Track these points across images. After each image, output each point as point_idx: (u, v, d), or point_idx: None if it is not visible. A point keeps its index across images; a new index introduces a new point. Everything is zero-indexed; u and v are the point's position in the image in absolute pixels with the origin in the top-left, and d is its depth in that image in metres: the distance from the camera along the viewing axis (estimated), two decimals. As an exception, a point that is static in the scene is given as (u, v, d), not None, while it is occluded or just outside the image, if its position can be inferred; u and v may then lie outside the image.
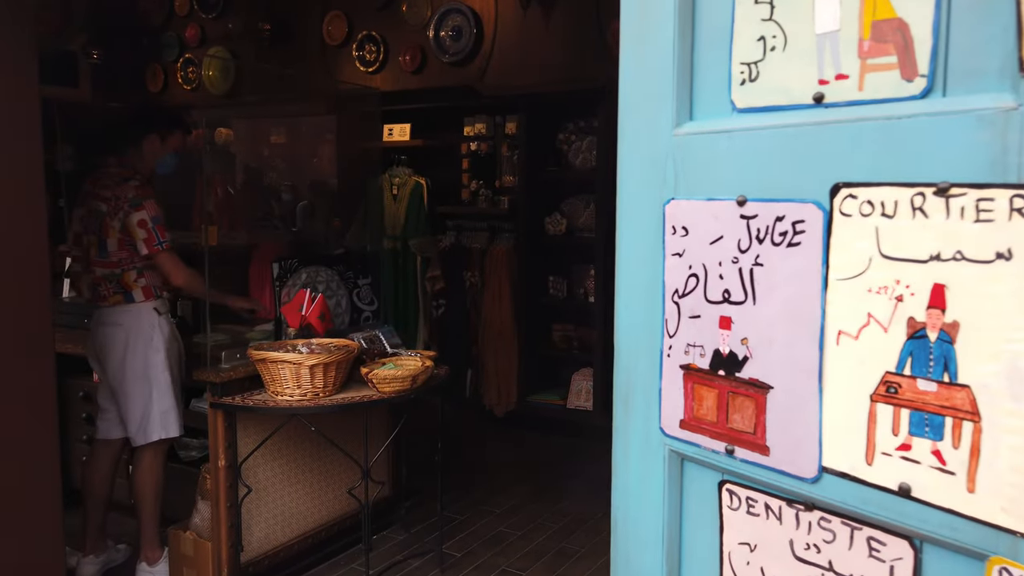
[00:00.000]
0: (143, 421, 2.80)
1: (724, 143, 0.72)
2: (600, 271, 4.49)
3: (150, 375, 2.79)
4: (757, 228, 0.70)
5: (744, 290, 0.71)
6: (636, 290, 0.82)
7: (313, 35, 5.15)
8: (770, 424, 0.69)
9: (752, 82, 0.71)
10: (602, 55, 4.14)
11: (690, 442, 0.77)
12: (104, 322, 2.79)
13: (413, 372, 2.66)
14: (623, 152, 0.84)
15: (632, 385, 0.82)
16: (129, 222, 2.73)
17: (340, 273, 3.17)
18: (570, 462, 4.23)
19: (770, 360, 0.69)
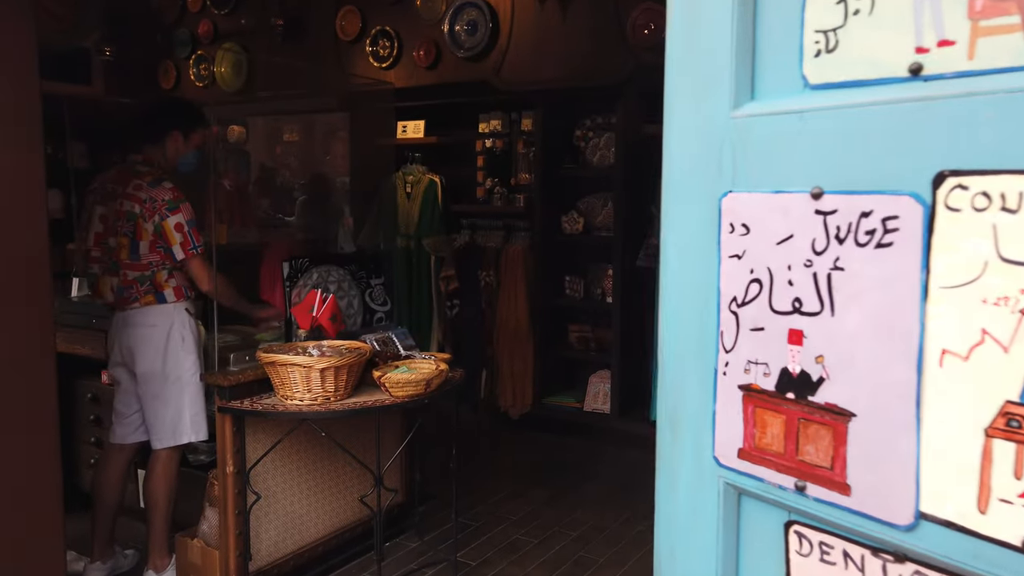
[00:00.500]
0: (174, 424, 2.75)
1: (794, 126, 0.61)
2: (618, 271, 4.37)
3: (184, 377, 2.74)
4: (837, 226, 0.59)
5: (819, 299, 0.60)
6: (685, 297, 0.71)
7: (326, 30, 5.06)
8: (852, 458, 0.58)
9: (830, 53, 0.60)
10: (621, 49, 4.02)
11: (750, 475, 0.66)
12: (135, 323, 2.73)
13: (427, 376, 2.57)
14: (669, 139, 0.73)
15: (680, 407, 0.72)
16: (166, 226, 2.67)
17: (352, 273, 3.07)
18: (587, 466, 4.12)
19: (853, 382, 0.58)
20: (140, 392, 2.78)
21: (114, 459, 2.88)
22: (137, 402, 2.82)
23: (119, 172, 2.77)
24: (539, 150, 4.60)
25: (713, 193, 0.67)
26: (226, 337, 3.04)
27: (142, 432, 2.87)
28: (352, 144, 5.23)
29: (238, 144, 5.84)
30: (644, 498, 3.25)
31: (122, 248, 2.71)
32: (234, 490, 2.54)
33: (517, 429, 4.76)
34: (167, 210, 2.67)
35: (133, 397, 2.82)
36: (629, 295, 4.44)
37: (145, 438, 2.86)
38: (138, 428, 2.86)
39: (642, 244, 4.39)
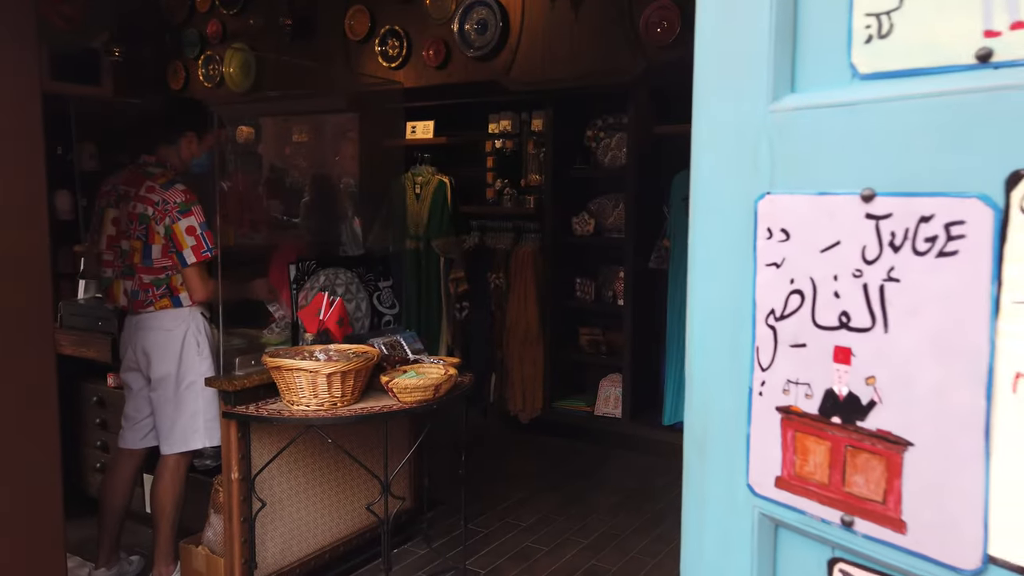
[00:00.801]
0: (186, 430, 2.72)
1: (842, 120, 0.55)
2: (630, 273, 4.31)
3: (199, 382, 2.72)
4: (891, 232, 0.52)
5: (871, 313, 0.54)
6: (716, 309, 0.65)
7: (335, 30, 5.02)
8: (908, 492, 0.52)
9: (883, 38, 0.53)
10: (633, 48, 3.96)
11: (789, 506, 0.60)
12: (150, 327, 2.69)
13: (436, 381, 2.51)
14: (699, 137, 0.67)
15: (710, 428, 0.66)
16: (176, 229, 2.63)
17: (360, 275, 3.02)
18: (598, 472, 4.05)
19: (909, 408, 0.52)
20: (153, 396, 2.75)
21: (123, 464, 2.85)
22: (149, 407, 2.78)
23: (131, 174, 2.73)
24: (550, 150, 4.54)
25: (748, 195, 0.61)
26: (232, 340, 3.00)
27: (153, 437, 2.83)
28: (361, 145, 5.18)
29: (247, 145, 5.81)
30: (657, 505, 3.17)
31: (135, 252, 2.67)
32: (239, 497, 2.49)
33: (527, 433, 4.70)
34: (178, 213, 2.63)
35: (145, 402, 2.78)
36: (641, 297, 4.37)
37: (156, 443, 2.83)
38: (149, 433, 2.83)
39: (654, 246, 4.32)
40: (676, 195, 4.17)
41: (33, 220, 1.84)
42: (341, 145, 5.58)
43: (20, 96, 1.84)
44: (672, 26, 3.79)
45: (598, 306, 4.60)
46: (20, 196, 1.84)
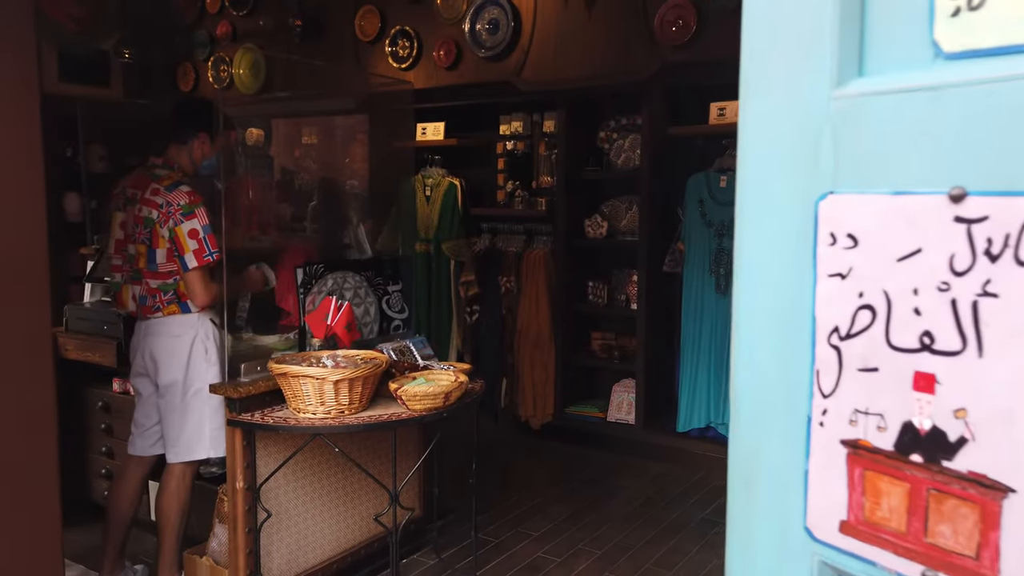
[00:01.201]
0: (192, 438, 2.66)
1: (923, 107, 0.47)
2: (643, 276, 4.22)
3: (206, 389, 2.66)
4: (987, 238, 0.44)
5: (961, 334, 0.46)
6: (767, 325, 0.57)
7: (345, 31, 4.97)
8: (1008, 547, 0.44)
9: (973, 10, 0.45)
10: (647, 47, 3.87)
11: (857, 555, 0.52)
12: (158, 333, 2.64)
13: (446, 388, 2.43)
14: (746, 129, 0.59)
15: (760, 460, 0.57)
16: (178, 232, 2.57)
17: (369, 279, 2.95)
18: (611, 479, 3.96)
19: (1010, 448, 0.44)
20: (160, 403, 2.70)
21: (132, 472, 2.79)
22: (158, 413, 2.73)
23: (138, 176, 2.68)
24: (562, 152, 4.46)
25: (807, 195, 0.53)
26: (237, 346, 2.93)
27: (162, 444, 2.77)
28: (371, 146, 5.12)
29: (257, 147, 5.76)
30: (671, 514, 3.07)
31: (140, 256, 2.62)
32: (244, 507, 2.42)
33: (538, 439, 4.62)
34: (181, 215, 2.57)
35: (154, 408, 2.73)
36: (654, 301, 4.28)
37: (163, 451, 2.77)
38: (158, 440, 2.77)
39: (668, 249, 4.23)
40: (691, 197, 4.08)
41: (32, 223, 1.78)
42: (351, 147, 5.53)
43: (18, 96, 1.78)
44: (688, 24, 3.70)
45: (610, 310, 4.51)
46: (18, 198, 1.78)
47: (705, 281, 4.05)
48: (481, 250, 4.78)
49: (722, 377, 4.02)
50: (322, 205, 5.19)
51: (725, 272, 3.98)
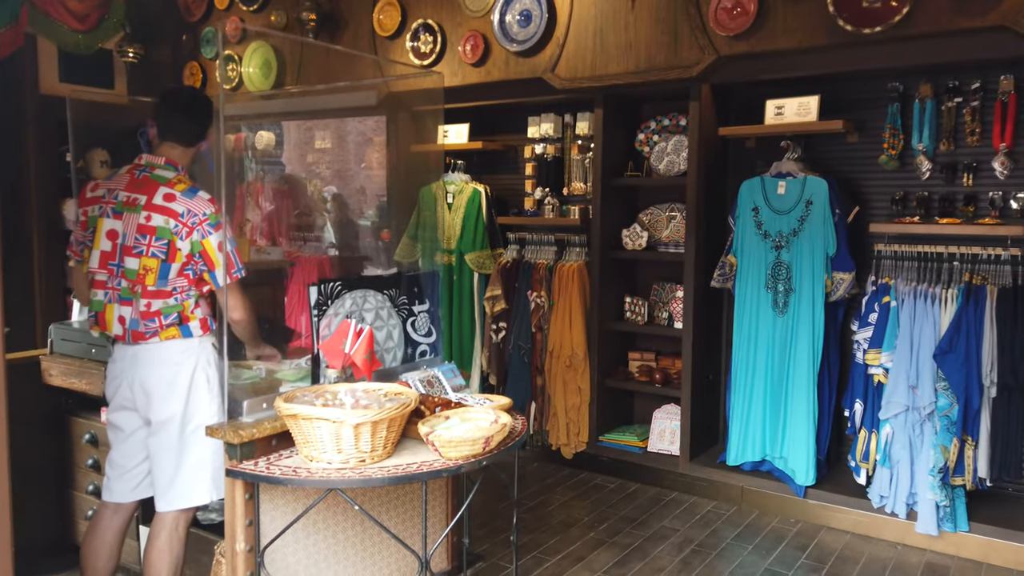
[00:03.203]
0: (189, 482, 2.31)
1: None
2: (689, 292, 3.82)
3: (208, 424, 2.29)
4: None
5: None
6: None
7: (363, 26, 4.62)
8: None
9: None
10: (699, 38, 3.49)
11: None
12: (155, 361, 2.29)
13: (486, 432, 2.04)
14: None
15: None
16: (206, 245, 2.24)
17: (392, 299, 2.57)
18: (656, 519, 3.55)
19: None
20: (151, 442, 2.33)
21: (108, 521, 2.42)
22: (143, 452, 2.36)
23: (135, 178, 2.31)
24: (597, 156, 4.08)
25: None
26: (241, 375, 2.56)
27: (146, 487, 2.41)
28: (391, 149, 4.77)
29: (268, 152, 5.43)
30: (729, 564, 2.60)
31: (148, 272, 2.25)
32: (245, 573, 2.04)
33: (571, 470, 4.22)
34: (209, 226, 2.23)
35: (139, 447, 2.36)
36: (702, 320, 3.88)
37: (149, 494, 2.40)
38: (141, 483, 2.41)
39: (717, 263, 3.84)
40: (744, 205, 3.68)
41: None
42: (369, 151, 5.18)
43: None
44: (747, 10, 3.32)
45: (650, 328, 4.12)
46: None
47: (760, 298, 3.65)
48: (508, 262, 4.40)
49: (780, 405, 3.61)
50: (340, 213, 4.83)
51: (784, 289, 3.58)
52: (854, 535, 3.41)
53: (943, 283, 3.23)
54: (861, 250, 3.61)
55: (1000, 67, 3.20)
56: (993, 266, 3.17)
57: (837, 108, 3.60)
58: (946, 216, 3.37)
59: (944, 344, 3.11)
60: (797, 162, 3.58)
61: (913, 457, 3.23)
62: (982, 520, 3.17)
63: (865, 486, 3.45)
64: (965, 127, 3.33)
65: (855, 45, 3.16)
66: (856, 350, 3.44)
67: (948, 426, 3.13)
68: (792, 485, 3.57)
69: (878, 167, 3.55)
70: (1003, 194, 3.27)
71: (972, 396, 3.07)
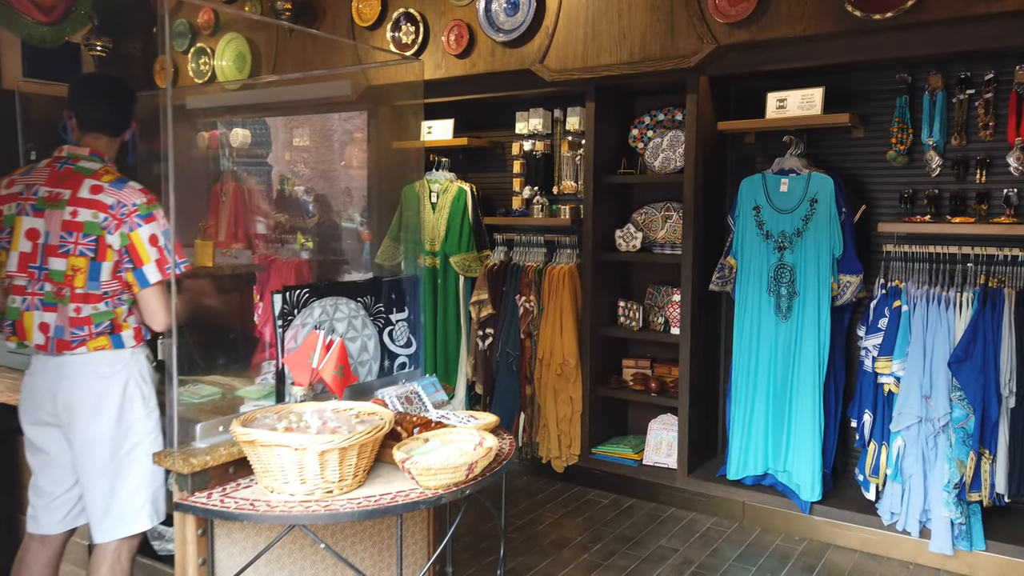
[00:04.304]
0: (129, 507, 2.09)
1: None
2: (687, 296, 3.61)
3: (143, 445, 2.10)
4: None
5: None
6: None
7: (341, 15, 4.39)
8: None
9: None
10: (697, 26, 3.28)
11: None
12: (80, 374, 2.06)
13: (469, 459, 1.82)
14: None
15: None
16: (134, 239, 2.03)
17: (367, 306, 2.34)
18: (653, 537, 3.34)
19: None
20: (80, 466, 2.09)
21: (34, 556, 2.19)
22: (72, 477, 2.13)
23: (55, 171, 2.08)
24: (589, 152, 3.86)
25: None
26: (200, 392, 2.33)
27: (78, 516, 2.18)
28: (372, 146, 4.54)
29: (243, 147, 5.19)
30: None
31: (77, 273, 2.02)
32: (198, 619, 1.81)
33: (562, 484, 4.01)
34: (138, 217, 2.03)
35: (67, 471, 2.13)
36: (700, 325, 3.68)
37: (81, 523, 2.17)
38: (72, 511, 2.17)
39: (716, 264, 3.64)
40: (744, 204, 3.49)
41: None
42: (348, 146, 4.95)
43: None
44: (751, -3, 3.11)
45: (646, 334, 3.91)
46: None
47: (762, 302, 3.45)
48: (495, 265, 4.18)
49: (784, 416, 3.41)
50: (316, 213, 4.60)
51: (787, 292, 3.38)
52: (863, 554, 3.22)
53: (957, 286, 3.04)
54: (868, 251, 3.42)
55: (1015, 57, 3.02)
56: (1010, 268, 2.98)
57: (842, 101, 3.41)
58: (958, 215, 3.18)
59: (959, 351, 2.91)
60: (800, 158, 3.38)
61: (926, 471, 3.04)
62: (999, 538, 2.98)
63: (874, 501, 3.25)
64: (978, 120, 3.14)
65: (864, 33, 2.96)
66: (864, 357, 3.24)
67: (964, 439, 2.94)
68: (797, 501, 3.37)
69: (885, 163, 3.36)
70: (1019, 191, 3.09)
71: (989, 407, 2.89)
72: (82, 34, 5.24)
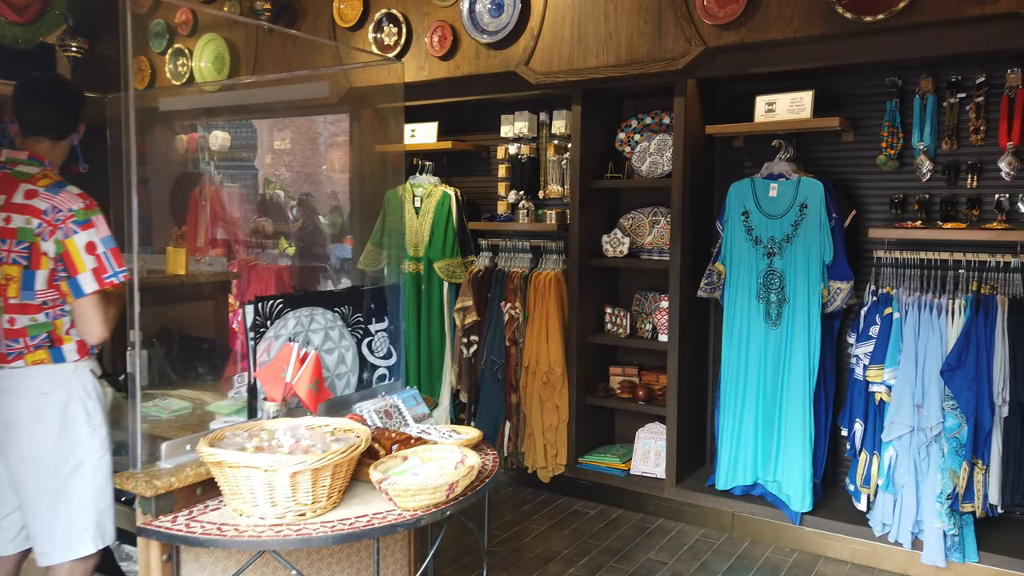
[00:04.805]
0: (74, 529, 1.97)
1: None
2: (675, 302, 3.55)
3: (89, 463, 1.99)
4: None
5: None
6: None
7: (322, 16, 4.29)
8: None
9: None
10: (685, 28, 3.22)
11: None
12: (17, 390, 1.96)
13: (450, 478, 1.74)
14: None
15: None
16: (70, 246, 1.92)
17: (344, 316, 2.25)
18: (641, 549, 3.26)
19: None
20: (18, 485, 2.00)
21: None
22: (15, 498, 2.02)
23: None
24: (575, 156, 3.79)
25: None
26: (170, 406, 2.23)
27: (24, 538, 2.07)
28: (354, 149, 4.45)
29: (223, 150, 5.08)
30: None
31: (10, 282, 1.93)
32: (163, 649, 1.71)
33: (549, 495, 3.92)
34: (75, 224, 1.93)
35: (9, 491, 2.02)
36: (688, 332, 3.61)
37: (29, 546, 2.07)
38: (21, 532, 2.07)
39: (704, 271, 3.57)
40: (733, 209, 3.42)
41: None
42: (329, 150, 4.85)
43: None
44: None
45: (633, 341, 3.84)
46: None
47: (752, 309, 3.38)
48: (480, 271, 4.09)
49: (773, 425, 3.35)
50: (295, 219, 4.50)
51: (777, 299, 3.32)
52: (854, 565, 3.16)
53: (949, 293, 2.99)
54: (858, 257, 3.37)
55: (1006, 60, 2.98)
56: (1003, 274, 2.94)
57: (831, 104, 3.36)
58: (949, 220, 3.13)
59: (952, 359, 2.86)
60: (790, 162, 3.33)
61: (919, 482, 2.98)
62: (992, 549, 2.93)
63: (865, 512, 3.20)
64: (969, 124, 3.10)
65: (854, 35, 2.91)
66: (855, 365, 3.19)
67: (957, 448, 2.89)
68: (787, 511, 3.30)
69: (875, 168, 3.31)
70: (1010, 196, 3.04)
71: (983, 416, 2.83)
72: (57, 34, 5.12)
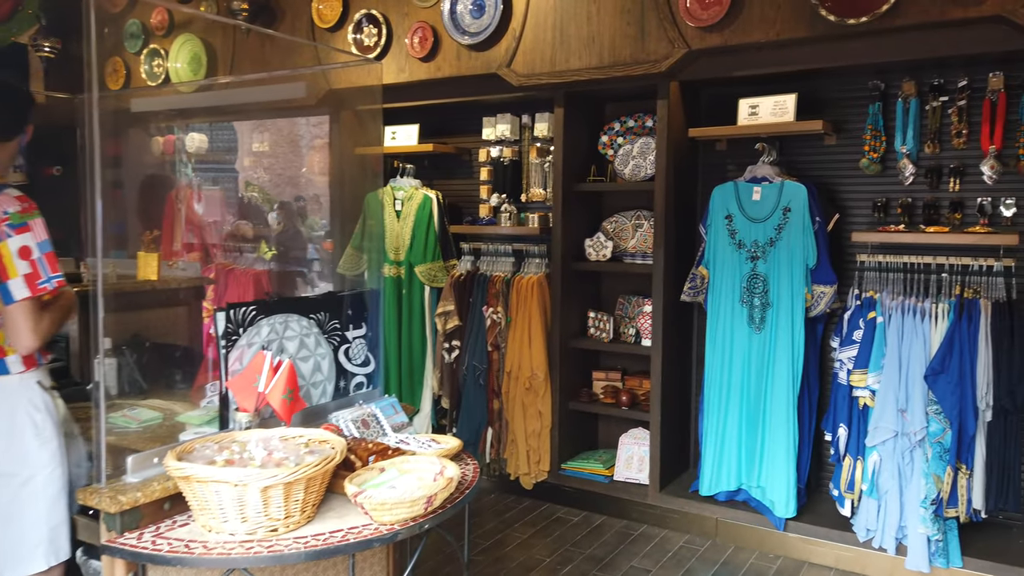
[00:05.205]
0: (22, 546, 1.89)
1: None
2: (658, 306, 3.52)
3: (38, 478, 1.89)
4: None
5: None
6: None
7: (301, 16, 4.23)
8: None
9: None
10: (668, 30, 3.19)
11: None
12: None
13: (428, 491, 1.68)
14: None
15: None
16: (4, 250, 1.83)
17: (320, 323, 2.19)
18: (625, 557, 3.22)
19: None
20: None
21: None
22: None
23: None
24: (558, 159, 3.75)
25: None
26: (140, 416, 2.15)
27: None
28: (334, 152, 4.38)
29: (200, 152, 4.98)
30: None
31: None
32: (127, 673, 1.64)
33: (531, 501, 3.87)
34: (9, 227, 1.84)
35: None
36: (671, 337, 3.58)
37: None
38: None
39: (688, 274, 3.54)
40: (716, 212, 3.40)
41: None
42: (308, 153, 4.78)
43: None
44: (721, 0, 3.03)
45: (616, 346, 3.80)
46: None
47: (735, 313, 3.36)
48: (462, 275, 4.04)
49: (757, 430, 3.32)
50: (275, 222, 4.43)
51: (760, 303, 3.30)
52: (838, 571, 3.14)
53: (932, 297, 2.98)
54: (841, 261, 3.36)
55: (988, 64, 2.98)
56: (986, 278, 2.93)
57: (815, 108, 3.35)
58: (932, 224, 3.13)
59: (936, 364, 2.85)
60: (773, 166, 3.31)
61: (903, 487, 2.96)
62: (976, 554, 2.92)
63: (849, 517, 3.18)
64: (951, 128, 3.10)
65: (838, 38, 2.90)
66: (839, 370, 3.17)
67: (941, 453, 2.87)
68: (771, 517, 3.28)
69: (858, 171, 3.31)
70: (992, 200, 3.05)
71: (966, 421, 2.82)
72: (29, 34, 5.01)
